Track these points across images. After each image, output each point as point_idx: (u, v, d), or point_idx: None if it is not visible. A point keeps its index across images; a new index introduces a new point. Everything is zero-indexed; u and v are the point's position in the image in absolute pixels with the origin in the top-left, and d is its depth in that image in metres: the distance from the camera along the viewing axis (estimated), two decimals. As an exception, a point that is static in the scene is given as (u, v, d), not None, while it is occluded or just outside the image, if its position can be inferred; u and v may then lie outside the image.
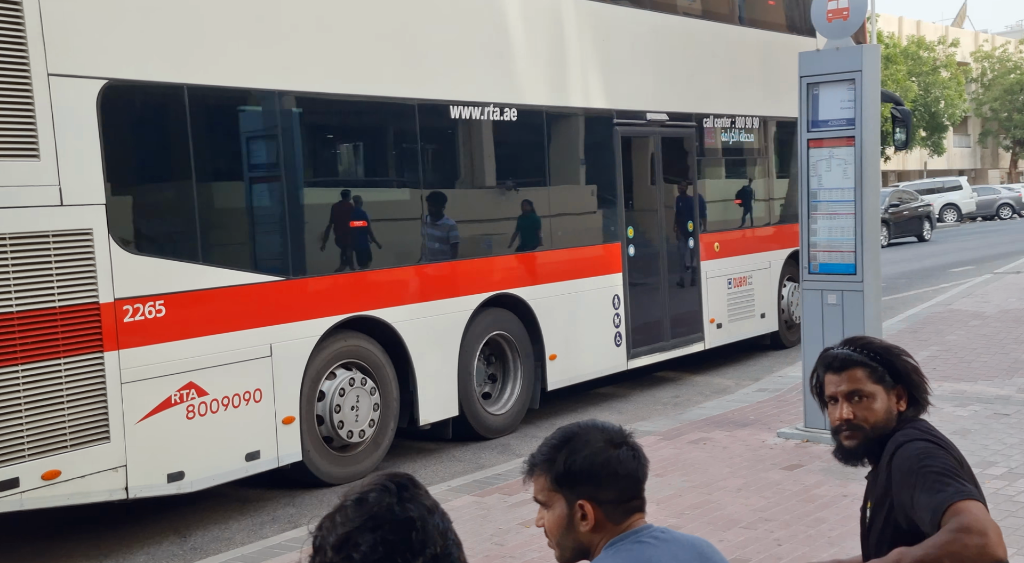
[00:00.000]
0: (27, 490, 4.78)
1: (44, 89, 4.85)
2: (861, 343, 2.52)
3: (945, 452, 2.31)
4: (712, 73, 9.74)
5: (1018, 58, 53.41)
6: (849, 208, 6.48)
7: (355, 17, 6.49)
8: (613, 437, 2.05)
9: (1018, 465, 5.68)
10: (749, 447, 6.42)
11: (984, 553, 2.06)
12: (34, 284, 4.82)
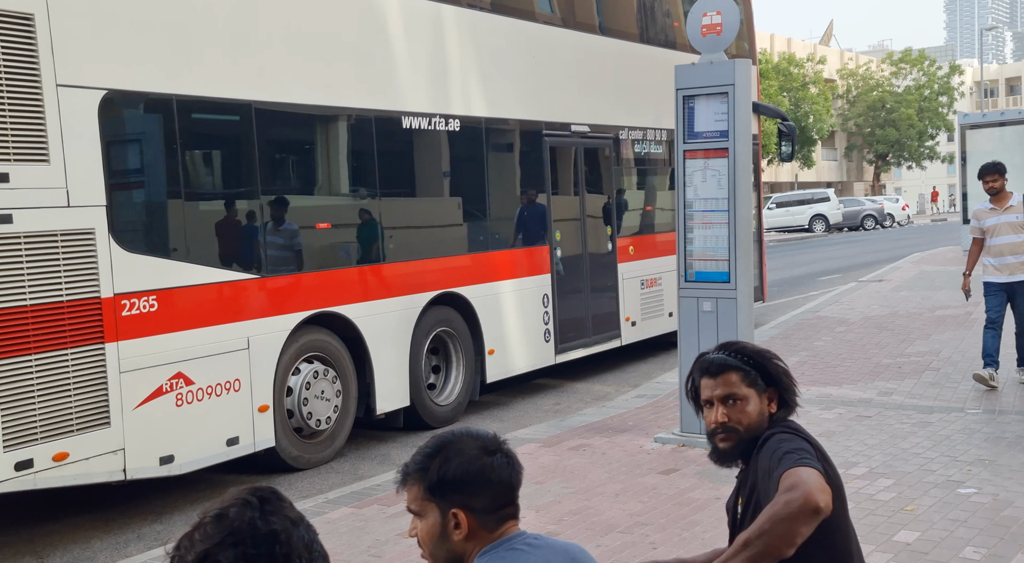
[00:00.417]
0: (40, 471, 5.15)
1: (53, 98, 5.24)
2: (735, 348, 2.58)
3: (802, 440, 2.40)
4: (627, 89, 10.46)
5: (880, 76, 56.24)
6: (723, 218, 6.64)
7: (320, 36, 7.04)
8: (487, 444, 2.03)
9: (878, 465, 5.92)
10: (627, 453, 6.51)
11: (803, 507, 2.15)
12: (44, 280, 5.19)
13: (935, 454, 6.10)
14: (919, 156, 55.67)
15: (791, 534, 2.17)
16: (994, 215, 7.94)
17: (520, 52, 9.02)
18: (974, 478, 5.55)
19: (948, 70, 56.14)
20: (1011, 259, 7.85)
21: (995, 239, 7.90)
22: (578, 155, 9.81)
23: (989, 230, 7.95)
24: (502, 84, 8.84)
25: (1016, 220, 7.87)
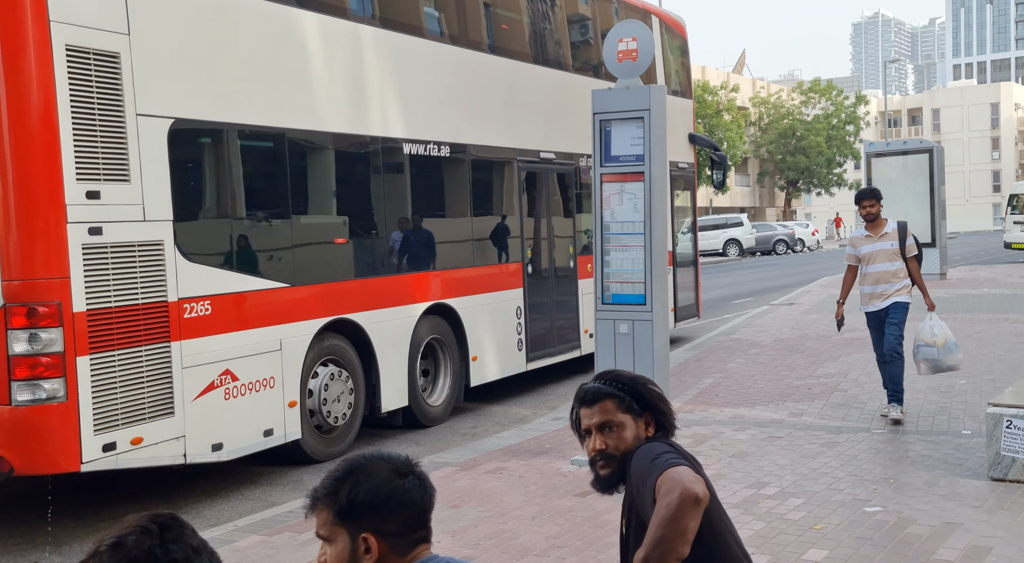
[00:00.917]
0: (121, 453, 5.81)
1: (133, 126, 5.97)
2: (610, 376, 2.65)
3: (664, 444, 2.48)
4: (586, 119, 10.62)
5: (790, 105, 57.96)
6: (639, 241, 6.72)
7: (343, 77, 8.02)
8: (399, 467, 2.00)
9: (789, 485, 6.03)
10: (544, 475, 6.49)
11: (684, 502, 2.22)
12: (125, 285, 5.89)
13: (843, 473, 6.24)
14: (828, 183, 57.43)
15: (683, 531, 2.23)
16: (870, 242, 7.81)
17: (501, 88, 10.05)
18: (879, 496, 5.69)
19: (854, 100, 58.18)
20: (885, 287, 7.72)
21: (871, 267, 7.76)
22: (546, 180, 10.70)
23: (865, 258, 7.80)
24: (486, 116, 9.80)
25: (891, 248, 7.74)
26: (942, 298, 16.28)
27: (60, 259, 5.61)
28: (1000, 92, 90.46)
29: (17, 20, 5.53)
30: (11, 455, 5.50)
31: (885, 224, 7.83)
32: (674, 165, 13.13)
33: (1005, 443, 5.86)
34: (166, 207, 6.19)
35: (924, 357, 7.56)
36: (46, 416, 5.54)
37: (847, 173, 59.76)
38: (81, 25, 5.75)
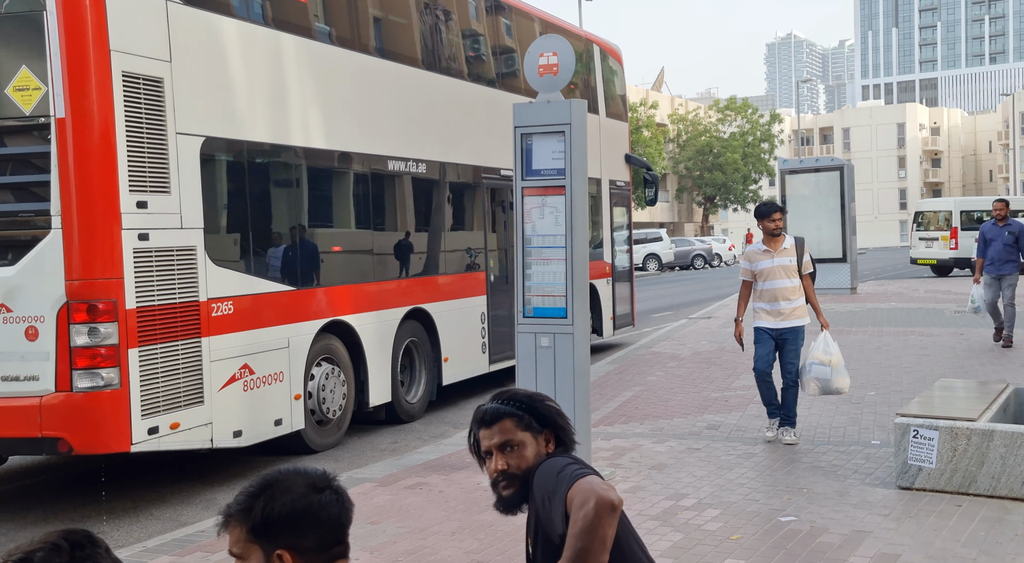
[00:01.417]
0: (162, 436, 6.47)
1: (173, 143, 6.67)
2: (507, 395, 2.64)
3: (565, 457, 2.48)
4: None
5: (708, 122, 59.17)
6: (560, 254, 6.73)
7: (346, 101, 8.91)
8: (316, 482, 1.95)
9: (706, 496, 6.10)
10: (465, 490, 6.45)
11: (601, 510, 2.23)
12: (166, 285, 6.57)
13: (759, 484, 6.34)
14: (744, 199, 58.72)
15: (603, 540, 2.24)
16: (768, 258, 7.60)
17: (472, 112, 10.97)
18: (793, 506, 5.79)
19: (769, 118, 59.70)
20: (784, 305, 7.51)
21: (767, 283, 7.57)
22: (506, 195, 11.36)
23: (761, 273, 7.60)
24: (458, 137, 10.72)
25: (789, 264, 7.55)
26: (853, 312, 16.76)
27: (115, 262, 6.28)
28: (906, 113, 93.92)
29: (83, 49, 6.19)
30: (71, 436, 6.14)
31: (784, 239, 7.66)
32: (613, 183, 14.04)
33: (912, 452, 6.03)
34: (198, 216, 6.90)
35: (816, 376, 7.37)
36: (102, 402, 6.19)
37: (762, 190, 61.23)
38: (133, 53, 6.45)
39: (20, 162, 6.52)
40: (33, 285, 6.20)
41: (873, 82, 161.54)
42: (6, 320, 6.22)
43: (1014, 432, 5.80)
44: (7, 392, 6.20)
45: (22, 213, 6.48)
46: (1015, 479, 5.74)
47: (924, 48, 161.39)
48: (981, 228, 12.63)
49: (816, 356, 7.40)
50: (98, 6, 6.26)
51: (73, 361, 6.13)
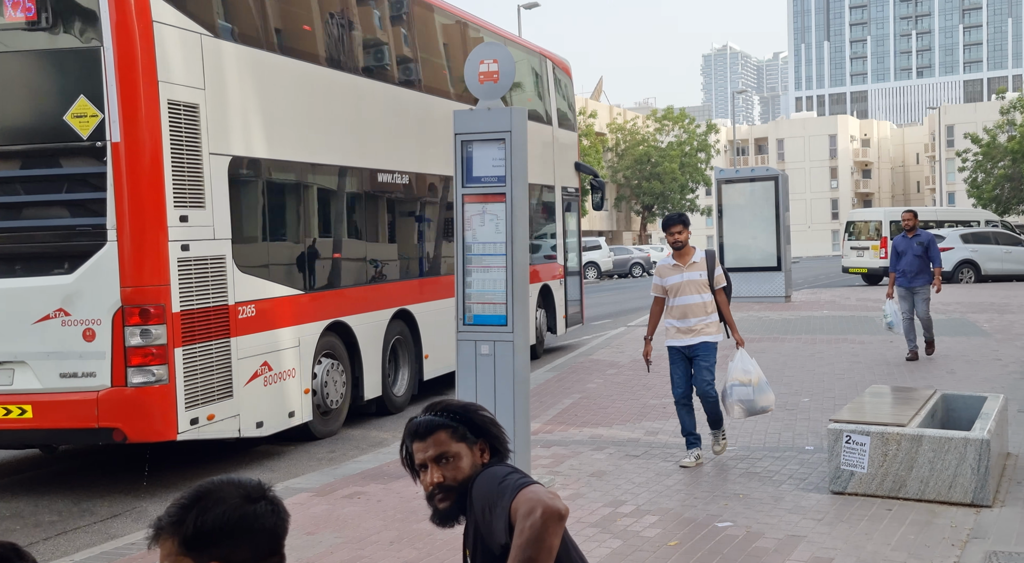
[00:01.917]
0: (201, 426, 7.21)
1: (207, 162, 7.42)
2: (440, 406, 2.61)
3: (504, 466, 2.48)
4: None
5: (645, 132, 59.77)
6: (501, 261, 6.72)
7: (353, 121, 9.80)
8: (250, 492, 1.91)
9: (645, 502, 6.14)
10: (403, 499, 6.40)
11: (548, 519, 2.21)
12: (202, 290, 7.28)
13: (696, 490, 6.41)
14: (681, 208, 59.40)
15: (550, 549, 2.22)
16: (677, 273, 7.23)
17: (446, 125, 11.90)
18: (730, 512, 5.86)
19: (705, 128, 60.52)
20: (694, 321, 7.15)
21: (678, 299, 7.21)
22: None
23: (672, 289, 7.23)
24: (436, 147, 11.25)
25: (699, 278, 7.18)
26: (787, 320, 17.06)
27: (163, 270, 7.00)
28: (837, 124, 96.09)
29: (135, 80, 6.92)
30: (125, 427, 6.89)
31: (693, 253, 7.27)
32: (565, 190, 15.03)
33: (844, 458, 6.15)
34: (227, 228, 7.61)
35: (739, 398, 7.07)
36: (153, 396, 6.92)
37: (699, 199, 62.04)
38: (176, 83, 7.19)
39: (77, 181, 7.23)
40: (90, 291, 6.90)
41: (806, 94, 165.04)
42: (64, 323, 6.92)
43: (942, 437, 5.95)
44: (65, 387, 6.90)
45: (79, 227, 7.15)
46: (943, 483, 5.88)
47: (855, 61, 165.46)
48: (892, 241, 12.29)
49: (735, 377, 7.09)
50: (147, 42, 7.03)
51: (128, 359, 6.87)
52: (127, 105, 6.90)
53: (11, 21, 7.00)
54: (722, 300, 7.27)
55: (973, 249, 26.90)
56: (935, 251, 11.98)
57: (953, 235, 27.43)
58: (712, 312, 7.20)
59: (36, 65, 7.21)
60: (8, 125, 7.19)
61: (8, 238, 7.15)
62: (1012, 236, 27.87)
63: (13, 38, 7.06)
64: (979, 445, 5.83)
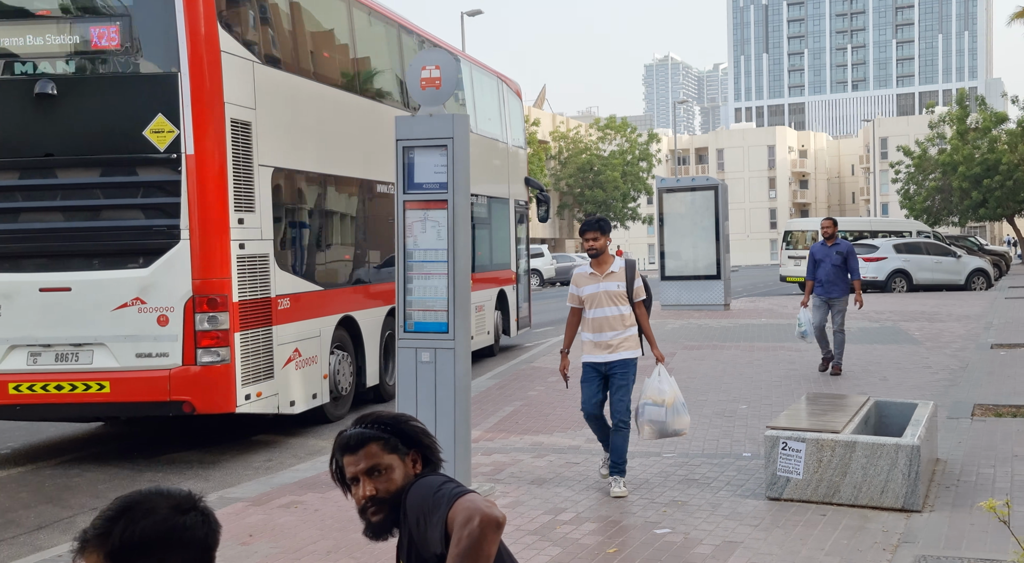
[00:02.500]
0: (252, 402, 8.35)
1: (257, 173, 8.61)
2: (371, 418, 2.58)
3: (438, 475, 2.46)
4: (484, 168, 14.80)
5: (588, 140, 60.18)
6: (442, 269, 6.69)
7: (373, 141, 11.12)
8: (180, 503, 1.86)
9: (584, 510, 6.16)
10: (341, 508, 6.32)
11: (486, 527, 2.19)
12: (253, 284, 8.46)
13: (635, 497, 6.44)
14: (623, 216, 59.92)
15: (488, 557, 2.20)
16: (593, 282, 6.75)
17: None
18: (668, 519, 5.90)
19: (647, 138, 61.14)
20: (610, 335, 6.67)
21: (593, 311, 6.72)
22: None
23: (588, 300, 6.74)
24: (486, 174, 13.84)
25: (617, 289, 6.68)
26: (726, 328, 17.28)
27: (226, 265, 8.17)
28: (776, 136, 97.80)
29: (206, 101, 8.13)
30: (194, 400, 8.00)
31: (612, 262, 6.77)
32: (517, 202, 16.47)
33: (781, 464, 6.24)
34: (270, 230, 8.78)
35: (650, 418, 6.62)
36: (218, 373, 8.04)
37: (641, 207, 62.60)
38: (236, 103, 8.36)
39: (153, 187, 8.22)
40: (164, 283, 8.00)
41: (745, 105, 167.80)
42: (141, 310, 7.99)
43: (874, 443, 6.07)
44: (140, 366, 7.97)
45: (155, 227, 8.14)
46: (875, 488, 6.00)
47: (792, 73, 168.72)
48: (811, 249, 11.86)
49: (649, 396, 6.64)
50: (216, 69, 8.19)
51: (197, 341, 7.97)
52: (199, 122, 8.08)
53: (97, 49, 8.18)
54: (641, 313, 6.82)
55: (905, 259, 27.56)
56: (854, 262, 11.62)
57: (886, 245, 28.08)
58: (630, 325, 6.73)
59: (120, 87, 8.27)
60: (93, 138, 8.21)
61: (89, 236, 8.23)
62: (942, 247, 28.61)
63: (100, 63, 8.24)
64: (910, 451, 5.95)
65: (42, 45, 8.22)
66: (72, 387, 7.98)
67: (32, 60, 8.19)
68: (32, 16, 8.31)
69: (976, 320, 17.48)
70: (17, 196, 8.36)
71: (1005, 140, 44.80)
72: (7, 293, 8.11)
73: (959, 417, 8.62)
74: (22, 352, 8.12)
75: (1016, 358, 12.39)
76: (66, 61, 8.21)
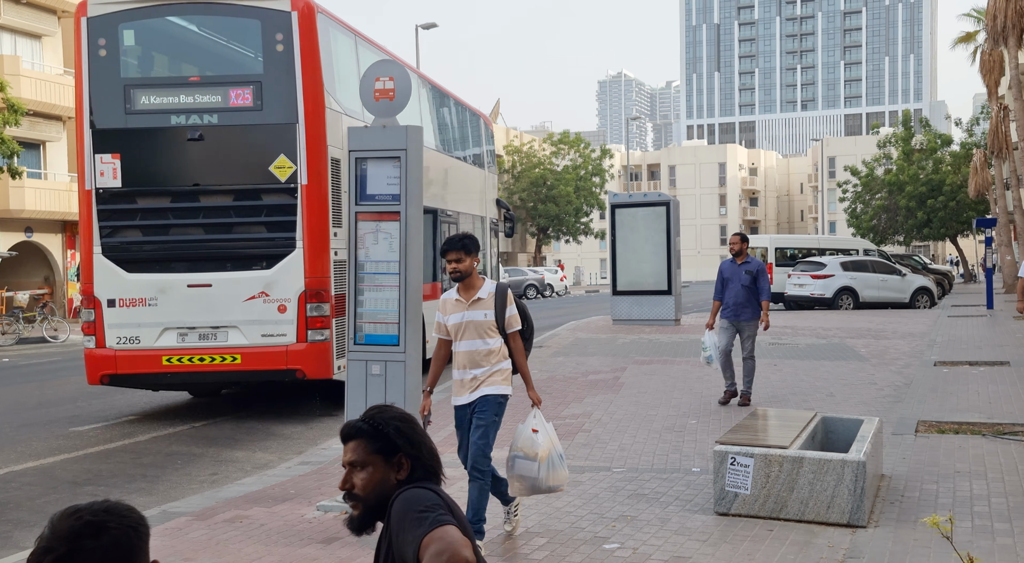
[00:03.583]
0: (339, 372, 10.87)
1: (344, 197, 10.89)
2: (372, 413, 2.57)
3: (434, 494, 2.41)
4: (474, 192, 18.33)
5: (542, 155, 60.38)
6: (394, 281, 6.64)
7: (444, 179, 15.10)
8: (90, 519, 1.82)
9: (534, 525, 6.12)
10: (288, 523, 6.22)
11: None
12: (340, 282, 10.98)
13: (585, 512, 6.42)
14: (576, 231, 60.16)
15: None
16: (459, 310, 5.78)
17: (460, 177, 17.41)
18: (618, 534, 5.89)
19: (600, 153, 61.51)
20: (475, 372, 5.74)
21: (459, 344, 5.77)
22: (467, 226, 17.14)
23: (453, 330, 5.77)
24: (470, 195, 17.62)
25: (484, 320, 5.71)
26: (677, 343, 17.39)
27: (327, 267, 10.89)
28: (727, 153, 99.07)
29: (316, 145, 10.78)
30: (305, 369, 10.64)
31: (480, 287, 5.77)
32: (492, 220, 19.43)
33: (729, 479, 6.27)
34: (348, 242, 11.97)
35: (520, 473, 5.74)
36: (322, 348, 10.78)
37: (593, 222, 62.93)
38: (333, 145, 10.94)
39: (275, 209, 10.80)
40: (283, 281, 10.65)
41: (697, 122, 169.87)
42: (265, 301, 10.65)
43: (821, 458, 6.12)
44: (264, 343, 10.63)
45: (276, 238, 10.77)
46: (821, 504, 6.05)
47: (743, 92, 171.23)
48: (720, 266, 11.00)
49: (519, 447, 5.76)
50: (321, 121, 10.84)
51: (308, 324, 10.68)
52: (311, 161, 10.75)
53: (234, 106, 10.80)
54: (516, 347, 5.83)
55: (852, 277, 28.02)
56: (764, 282, 10.68)
57: (834, 263, 28.52)
58: (500, 361, 5.77)
59: (251, 134, 10.84)
60: (230, 172, 10.92)
61: (225, 246, 10.89)
62: (888, 265, 29.14)
63: (237, 116, 10.81)
64: (856, 467, 6.02)
65: (193, 102, 10.81)
66: (211, 359, 10.61)
67: (186, 113, 10.80)
68: (187, 82, 11.14)
69: (920, 338, 17.81)
70: (170, 215, 10.99)
71: (949, 161, 45.89)
72: (162, 288, 10.75)
73: (903, 433, 8.75)
74: (173, 333, 10.76)
75: (958, 375, 12.63)
76: (211, 115, 10.79)
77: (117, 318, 10.71)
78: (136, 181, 10.84)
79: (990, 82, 33.86)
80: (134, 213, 10.95)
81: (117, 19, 10.93)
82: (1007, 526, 5.83)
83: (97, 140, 10.86)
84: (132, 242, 10.93)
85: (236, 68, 11.52)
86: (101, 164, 10.85)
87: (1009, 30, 26.22)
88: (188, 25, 11.54)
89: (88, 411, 12.18)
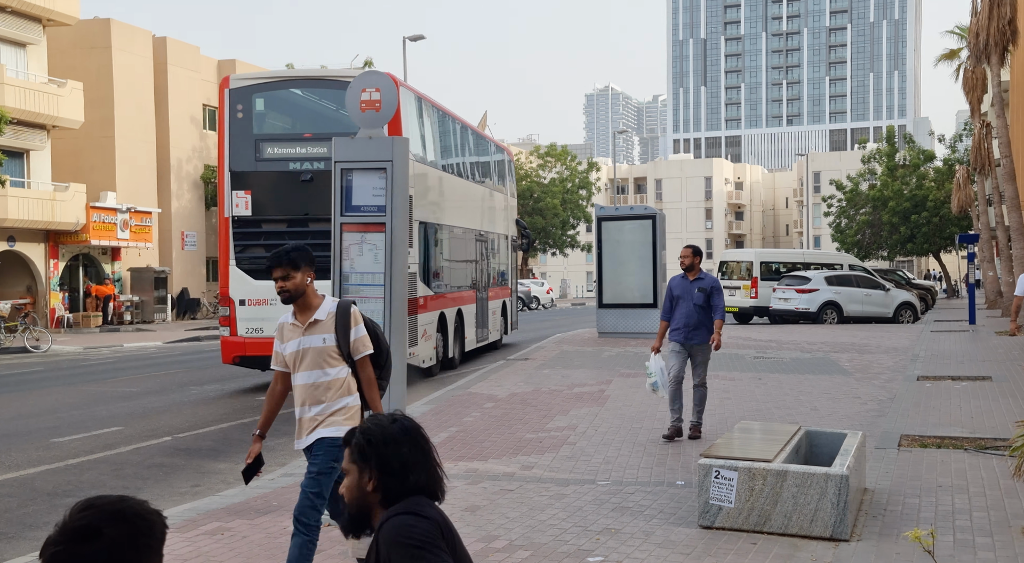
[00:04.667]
0: (410, 357, 13.48)
1: (414, 225, 14.48)
2: (371, 422, 2.61)
3: (429, 523, 2.41)
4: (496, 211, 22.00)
5: (529, 167, 60.48)
6: (379, 292, 6.64)
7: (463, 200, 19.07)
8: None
9: (518, 537, 6.10)
10: (270, 535, 6.18)
11: None
12: (412, 288, 14.28)
13: (569, 525, 6.41)
14: (562, 243, 60.22)
15: None
16: (295, 335, 4.92)
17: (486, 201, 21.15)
18: (602, 547, 5.88)
19: (587, 166, 61.66)
20: (312, 411, 4.90)
21: (298, 375, 4.92)
22: (486, 243, 20.87)
23: (290, 360, 4.93)
24: (497, 218, 21.77)
25: (323, 345, 4.87)
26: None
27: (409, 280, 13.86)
28: (713, 167, 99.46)
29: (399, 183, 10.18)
30: None
31: (317, 307, 4.91)
32: (512, 238, 23.15)
33: (713, 492, 6.26)
34: (416, 258, 14.24)
35: None
36: None
37: (580, 235, 63.01)
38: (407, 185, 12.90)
39: None
40: None
41: (684, 136, 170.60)
42: None
43: (805, 472, 6.13)
44: None
45: None
46: (805, 517, 6.05)
47: (729, 107, 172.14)
48: (669, 283, 9.86)
49: None
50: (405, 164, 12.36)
51: None
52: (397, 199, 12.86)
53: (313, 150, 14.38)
54: (366, 377, 4.99)
55: (836, 291, 28.13)
56: (718, 299, 9.55)
57: (819, 277, 28.63)
58: (342, 397, 4.93)
59: None
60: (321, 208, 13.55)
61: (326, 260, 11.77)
62: (872, 280, 29.27)
63: None
64: (839, 480, 6.03)
65: (306, 153, 14.40)
66: None
67: (300, 161, 14.41)
68: (302, 137, 14.78)
69: (903, 352, 17.88)
70: (287, 237, 14.35)
71: (932, 177, 46.21)
72: None
73: (887, 447, 8.78)
74: None
75: (941, 390, 12.68)
76: (319, 162, 14.16)
77: (246, 314, 14.23)
78: (262, 211, 14.55)
79: (973, 99, 34.15)
80: (260, 235, 14.71)
81: (251, 90, 14.73)
82: (988, 540, 5.85)
83: (234, 180, 14.49)
84: (258, 257, 14.37)
85: (339, 127, 14.07)
86: (236, 198, 14.42)
87: (992, 48, 26.46)
88: (304, 94, 15.46)
89: (69, 422, 12.09)
